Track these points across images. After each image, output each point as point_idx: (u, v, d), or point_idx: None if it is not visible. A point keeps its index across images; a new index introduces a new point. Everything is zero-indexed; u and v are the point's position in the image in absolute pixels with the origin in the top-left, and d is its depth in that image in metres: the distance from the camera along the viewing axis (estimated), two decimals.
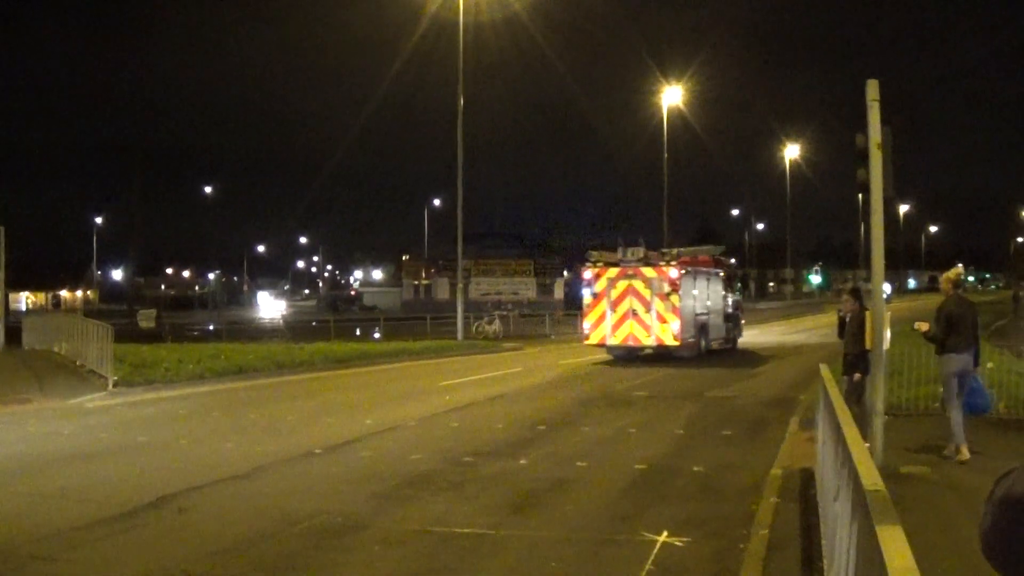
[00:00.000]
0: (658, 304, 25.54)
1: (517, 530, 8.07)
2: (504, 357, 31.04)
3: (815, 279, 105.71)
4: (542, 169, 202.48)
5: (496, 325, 42.11)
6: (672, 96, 48.83)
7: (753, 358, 28.51)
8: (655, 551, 7.29)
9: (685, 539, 7.60)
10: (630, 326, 25.87)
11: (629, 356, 26.89)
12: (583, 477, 10.48)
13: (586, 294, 26.87)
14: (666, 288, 25.54)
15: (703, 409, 16.56)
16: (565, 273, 79.25)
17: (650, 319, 25.63)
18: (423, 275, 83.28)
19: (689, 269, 26.74)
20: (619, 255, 26.97)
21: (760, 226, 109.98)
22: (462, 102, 36.56)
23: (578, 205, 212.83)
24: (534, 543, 7.67)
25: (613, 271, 26.26)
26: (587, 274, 26.89)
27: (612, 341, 26.38)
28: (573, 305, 53.21)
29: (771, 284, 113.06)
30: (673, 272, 25.69)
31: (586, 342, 27.14)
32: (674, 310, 25.45)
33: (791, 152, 78.00)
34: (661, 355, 26.33)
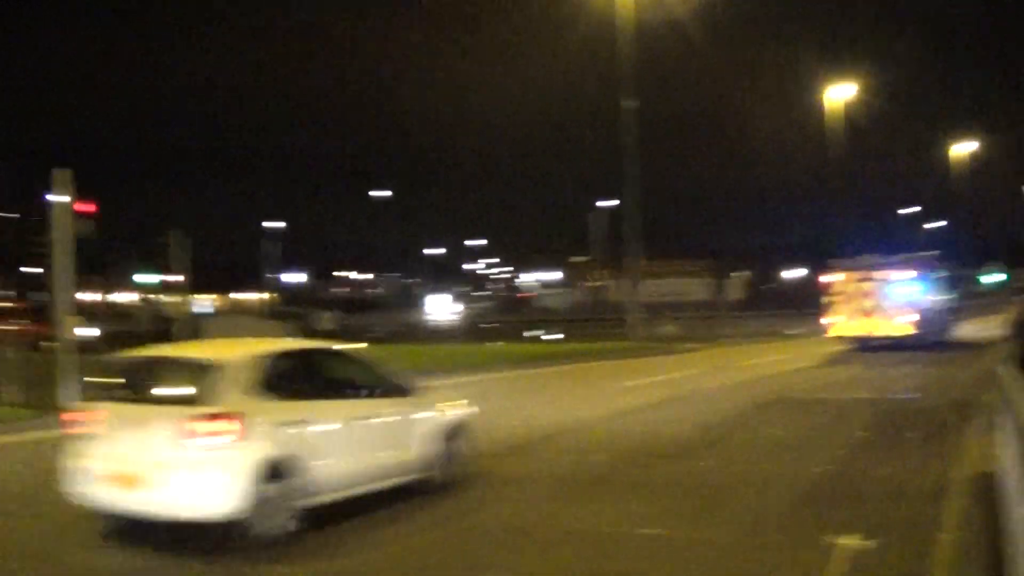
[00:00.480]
0: (890, 302, 29.93)
1: (696, 532, 8.18)
2: (683, 358, 31.02)
3: (993, 277, 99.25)
4: (702, 171, 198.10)
5: (672, 326, 41.96)
6: (840, 92, 47.84)
7: (953, 351, 29.42)
8: (840, 554, 7.27)
9: (870, 542, 7.53)
10: (866, 321, 30.28)
11: (864, 347, 30.44)
12: (764, 479, 10.45)
13: (828, 295, 31.19)
14: (897, 288, 30.09)
15: (885, 410, 16.10)
16: (731, 275, 77.98)
17: (883, 314, 29.98)
18: (595, 277, 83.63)
19: (915, 272, 30.89)
20: (855, 261, 31.77)
21: (942, 223, 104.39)
22: (631, 104, 36.73)
23: (743, 208, 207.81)
24: (714, 545, 7.75)
25: (851, 274, 30.85)
26: (829, 278, 31.62)
27: (851, 333, 30.80)
28: (753, 306, 52.38)
29: None
30: (903, 274, 30.44)
31: (827, 335, 31.54)
32: (904, 307, 29.78)
33: (961, 147, 73.01)
34: (886, 346, 29.73)
